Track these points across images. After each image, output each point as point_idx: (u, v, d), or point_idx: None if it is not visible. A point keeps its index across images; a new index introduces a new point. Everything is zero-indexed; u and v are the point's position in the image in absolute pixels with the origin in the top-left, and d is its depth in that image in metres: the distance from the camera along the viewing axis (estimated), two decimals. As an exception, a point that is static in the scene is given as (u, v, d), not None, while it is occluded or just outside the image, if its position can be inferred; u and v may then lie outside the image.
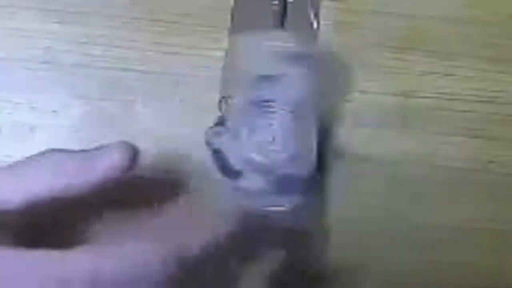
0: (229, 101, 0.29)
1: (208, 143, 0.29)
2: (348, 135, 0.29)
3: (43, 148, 0.29)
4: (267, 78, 0.28)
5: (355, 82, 0.30)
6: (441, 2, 0.31)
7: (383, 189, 0.29)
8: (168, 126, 0.29)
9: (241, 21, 0.30)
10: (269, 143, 0.28)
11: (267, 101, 0.28)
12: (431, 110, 0.30)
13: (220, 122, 0.29)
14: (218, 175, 0.28)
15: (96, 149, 0.23)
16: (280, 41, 0.28)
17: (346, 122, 0.30)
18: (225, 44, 0.30)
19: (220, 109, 0.29)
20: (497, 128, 0.30)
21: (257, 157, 0.28)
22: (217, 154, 0.28)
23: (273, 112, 0.28)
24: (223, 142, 0.28)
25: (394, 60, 0.30)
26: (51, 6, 0.31)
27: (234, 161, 0.28)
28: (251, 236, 0.25)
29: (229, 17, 0.30)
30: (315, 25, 0.31)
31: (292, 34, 0.29)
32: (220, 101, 0.29)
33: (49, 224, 0.22)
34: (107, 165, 0.22)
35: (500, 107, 0.30)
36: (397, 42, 0.31)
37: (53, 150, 0.23)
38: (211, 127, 0.29)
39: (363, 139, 0.29)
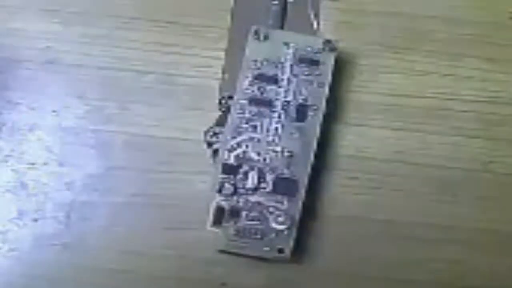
0: (229, 101, 0.29)
1: (208, 143, 0.29)
2: (348, 135, 0.29)
3: (42, 149, 0.29)
4: (266, 78, 0.28)
5: (355, 82, 0.30)
6: (441, 2, 0.31)
7: (382, 189, 0.29)
8: (167, 126, 0.29)
9: (241, 21, 0.30)
10: (269, 143, 0.28)
11: (267, 101, 0.28)
12: (431, 110, 0.30)
13: (220, 122, 0.29)
14: (218, 175, 0.28)
15: None
16: (307, 45, 0.29)
17: (346, 121, 0.30)
18: (225, 44, 0.30)
19: (220, 109, 0.29)
20: (497, 128, 0.30)
21: (257, 157, 0.28)
22: (217, 154, 0.28)
23: (273, 112, 0.28)
24: (223, 142, 0.28)
25: (394, 60, 0.30)
26: (51, 6, 0.31)
27: (234, 161, 0.28)
28: None
29: (229, 17, 0.30)
30: (315, 25, 0.31)
31: (320, 40, 0.29)
32: (220, 101, 0.29)
33: None
34: None
35: (500, 107, 0.30)
36: (397, 42, 0.31)
37: None
38: (211, 127, 0.29)
39: (363, 139, 0.29)
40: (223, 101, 0.29)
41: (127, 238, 0.28)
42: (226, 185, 0.27)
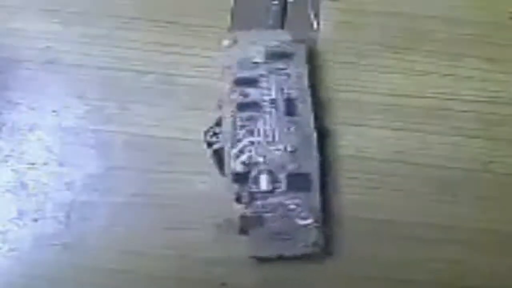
0: (228, 101, 0.29)
1: (208, 143, 0.29)
2: (348, 135, 0.29)
3: (42, 149, 0.29)
4: (246, 81, 0.28)
5: (355, 82, 0.30)
6: (441, 2, 0.31)
7: (382, 189, 0.29)
8: (167, 126, 0.29)
9: (241, 21, 0.30)
10: (270, 143, 0.28)
11: (254, 103, 0.28)
12: (431, 110, 0.30)
13: (220, 122, 0.29)
14: (218, 175, 0.28)
15: None
16: (275, 40, 0.29)
17: (346, 122, 0.30)
18: (225, 44, 0.30)
19: (220, 109, 0.29)
20: (497, 128, 0.30)
21: (262, 160, 0.28)
22: (217, 154, 0.28)
23: (271, 112, 0.28)
24: (223, 143, 0.28)
25: (394, 60, 0.30)
26: (51, 6, 0.31)
27: (234, 161, 0.28)
28: None
29: (229, 17, 0.30)
30: (315, 25, 0.31)
31: (288, 33, 0.29)
32: (219, 101, 0.29)
33: None
34: None
35: (500, 107, 0.30)
36: (397, 42, 0.31)
37: None
38: (211, 127, 0.29)
39: (363, 139, 0.29)
40: (222, 101, 0.29)
41: (127, 238, 0.28)
42: (242, 193, 0.27)
